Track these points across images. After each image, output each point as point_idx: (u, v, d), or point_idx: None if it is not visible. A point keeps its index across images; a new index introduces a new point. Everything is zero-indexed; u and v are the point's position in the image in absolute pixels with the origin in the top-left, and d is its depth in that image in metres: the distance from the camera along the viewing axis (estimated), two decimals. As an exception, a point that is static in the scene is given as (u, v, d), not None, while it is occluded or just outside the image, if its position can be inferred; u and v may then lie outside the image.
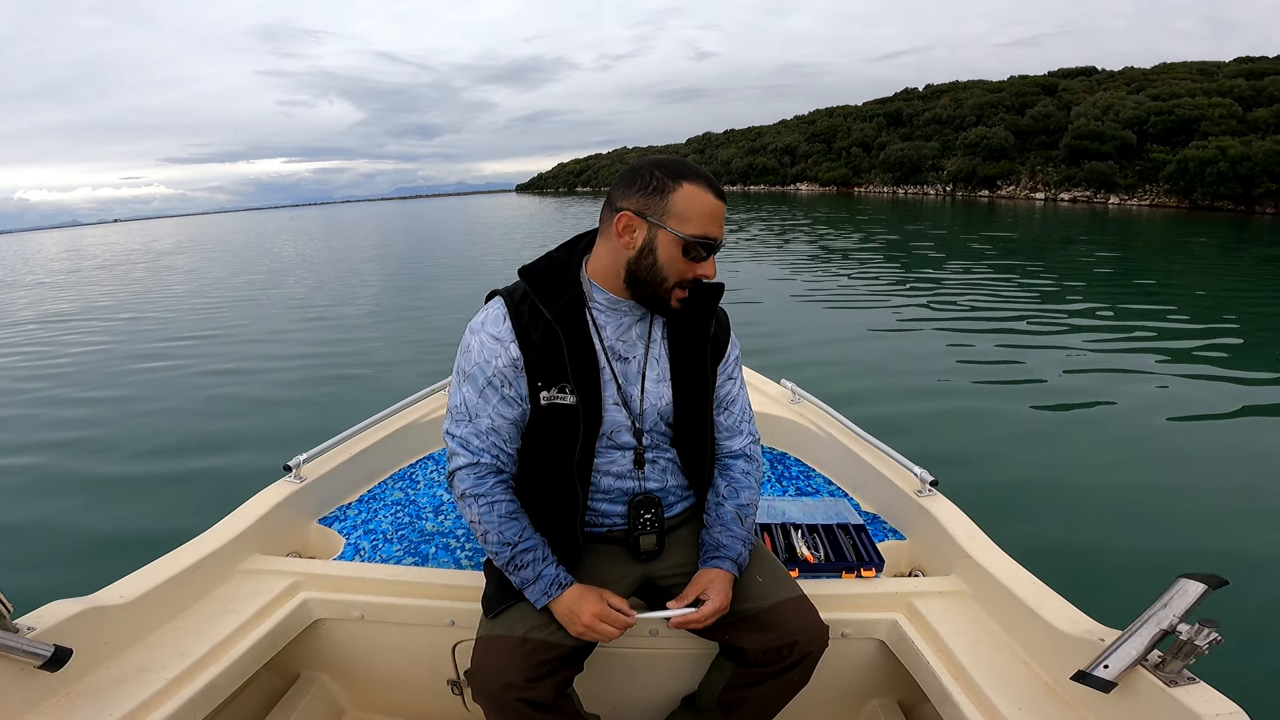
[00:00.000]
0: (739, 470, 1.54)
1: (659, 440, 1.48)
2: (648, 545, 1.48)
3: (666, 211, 1.27)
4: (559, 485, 1.40)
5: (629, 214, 1.29)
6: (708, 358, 1.48)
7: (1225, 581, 1.05)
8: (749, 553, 1.48)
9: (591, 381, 1.36)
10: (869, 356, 6.98)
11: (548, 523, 1.41)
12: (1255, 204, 30.65)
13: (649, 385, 1.43)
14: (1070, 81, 55.16)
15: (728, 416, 1.55)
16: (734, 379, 1.57)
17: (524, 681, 1.29)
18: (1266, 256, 15.32)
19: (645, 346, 1.44)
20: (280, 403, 6.37)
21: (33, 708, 1.23)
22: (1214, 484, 3.95)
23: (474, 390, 1.35)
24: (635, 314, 1.42)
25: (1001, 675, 1.37)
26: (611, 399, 1.39)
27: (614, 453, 1.44)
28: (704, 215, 1.28)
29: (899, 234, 21.24)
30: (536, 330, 1.34)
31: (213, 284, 17.22)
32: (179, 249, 35.25)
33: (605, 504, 1.47)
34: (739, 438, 1.56)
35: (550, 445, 1.39)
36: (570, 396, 1.34)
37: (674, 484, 1.52)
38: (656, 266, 1.30)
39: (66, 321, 12.34)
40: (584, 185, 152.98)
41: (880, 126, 65.80)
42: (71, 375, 7.95)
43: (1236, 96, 38.15)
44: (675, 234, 1.27)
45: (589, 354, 1.36)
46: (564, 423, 1.36)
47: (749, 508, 1.52)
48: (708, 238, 1.28)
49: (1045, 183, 44.91)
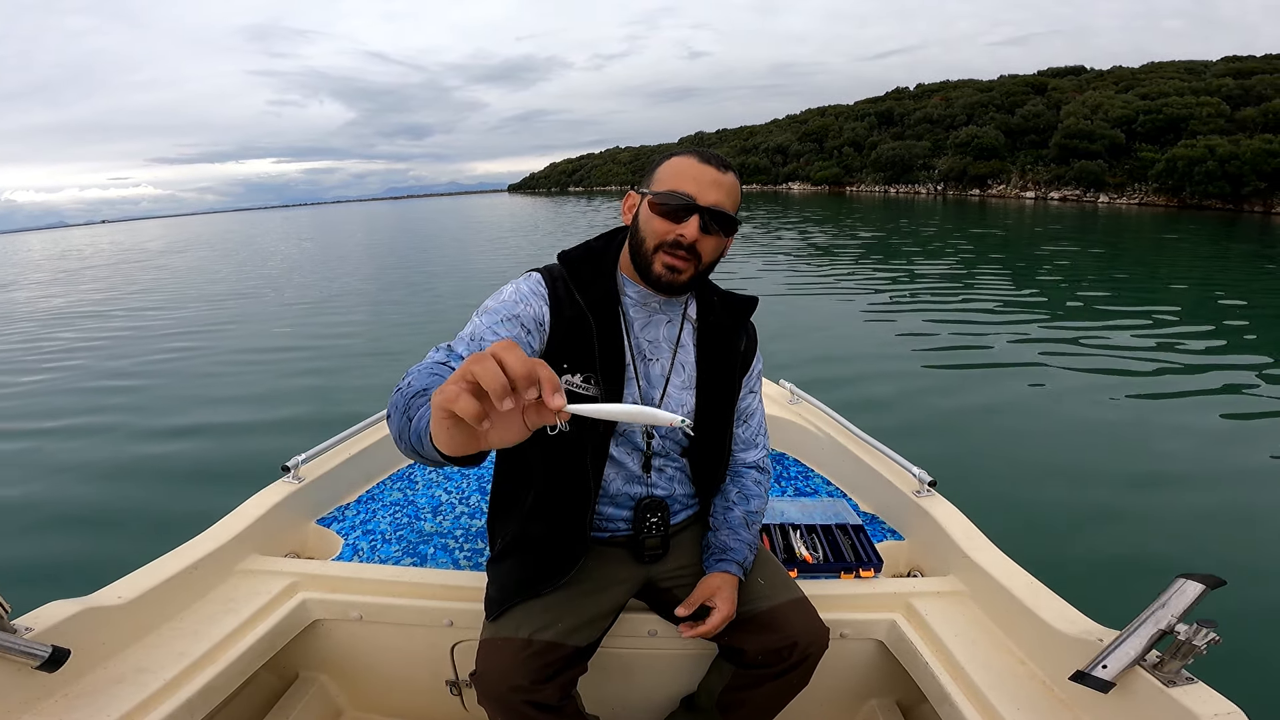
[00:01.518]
0: (751, 479, 1.55)
1: (670, 448, 1.45)
2: (652, 546, 1.46)
3: (651, 180, 1.30)
4: (571, 483, 1.37)
5: (630, 192, 1.36)
6: (736, 370, 1.47)
7: (1223, 581, 1.06)
8: (754, 557, 1.48)
9: (616, 376, 1.33)
10: (865, 352, 7.01)
11: (555, 522, 1.39)
12: (1244, 202, 30.99)
13: (672, 390, 1.40)
14: (1059, 81, 55.59)
15: (745, 429, 1.55)
16: (755, 392, 1.57)
17: (529, 683, 1.29)
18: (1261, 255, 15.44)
19: (673, 350, 1.42)
20: (280, 402, 6.34)
21: (30, 708, 1.22)
22: (1214, 483, 3.97)
23: (490, 320, 1.27)
24: (664, 314, 1.41)
25: (1000, 675, 1.38)
26: (632, 398, 1.37)
27: (623, 455, 1.42)
28: (678, 174, 1.26)
29: (888, 231, 21.31)
30: (570, 310, 1.31)
31: (208, 283, 17.17)
32: (173, 249, 34.99)
33: (610, 508, 1.45)
34: (754, 450, 1.57)
35: (567, 438, 1.35)
36: (593, 388, 1.31)
37: (681, 492, 1.50)
38: (639, 232, 1.30)
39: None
40: (576, 185, 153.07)
41: (872, 126, 66.22)
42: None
43: (1224, 96, 38.57)
44: (648, 193, 1.28)
45: (618, 348, 1.33)
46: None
47: (757, 515, 1.51)
48: (676, 192, 1.24)
49: (1035, 181, 45.25)
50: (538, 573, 1.39)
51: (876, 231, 21.46)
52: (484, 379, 0.67)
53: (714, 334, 1.44)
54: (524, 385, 0.69)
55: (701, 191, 1.24)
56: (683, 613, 1.41)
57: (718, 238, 1.30)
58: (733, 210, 1.29)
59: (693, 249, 1.26)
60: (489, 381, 0.67)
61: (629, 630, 1.59)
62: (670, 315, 1.42)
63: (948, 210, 33.46)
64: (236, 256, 26.54)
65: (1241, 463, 4.29)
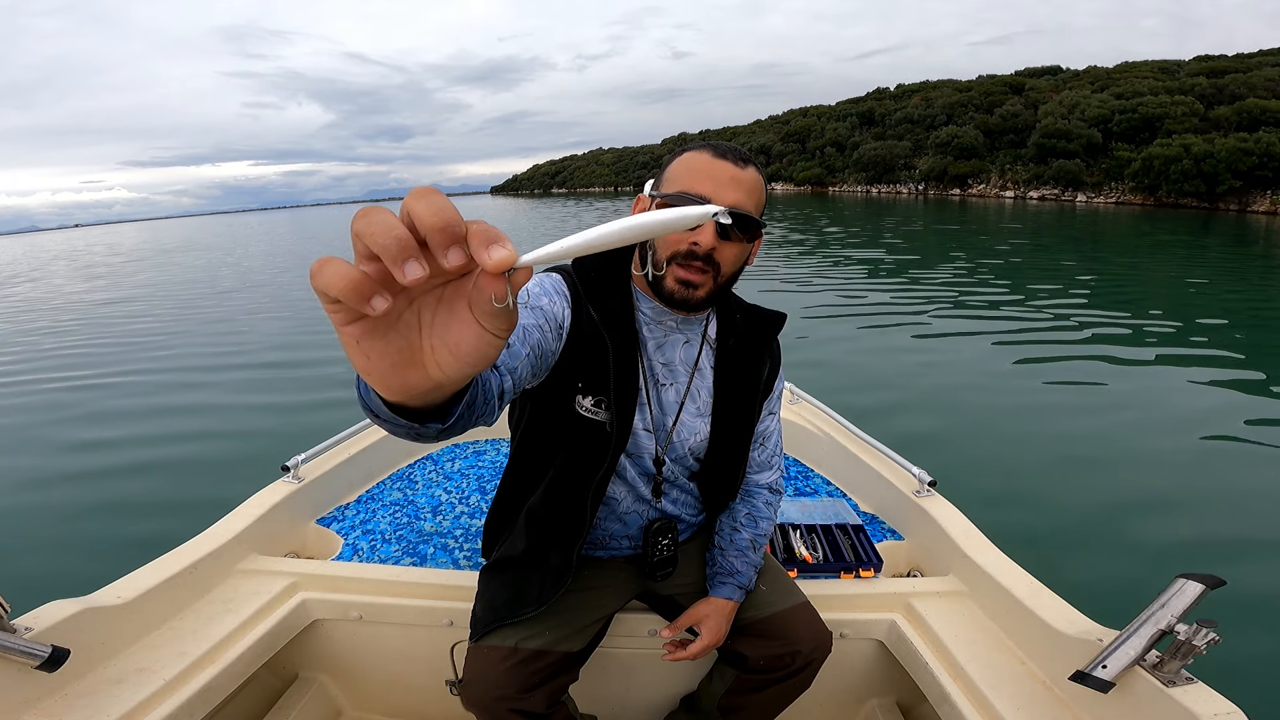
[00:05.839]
0: (762, 500, 1.47)
1: (679, 474, 1.35)
2: (663, 566, 1.39)
3: (662, 181, 1.16)
4: (569, 505, 1.27)
5: (641, 196, 1.20)
6: (757, 397, 1.35)
7: (1223, 582, 1.07)
8: (757, 575, 1.45)
9: (629, 401, 1.20)
10: (870, 362, 6.93)
11: (546, 541, 1.30)
12: (1219, 201, 31.48)
13: (685, 418, 1.29)
14: (1037, 80, 56.23)
15: (761, 452, 1.46)
16: (774, 414, 1.46)
17: (516, 692, 1.27)
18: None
19: (689, 375, 1.29)
20: (277, 402, 6.28)
21: (30, 708, 1.21)
22: (1214, 483, 3.98)
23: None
24: (681, 333, 1.28)
25: (1000, 675, 1.38)
26: (643, 425, 1.26)
27: (630, 479, 1.32)
28: (691, 172, 1.10)
29: (877, 230, 21.38)
30: (588, 326, 1.17)
31: (191, 283, 17.02)
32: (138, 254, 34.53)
33: (617, 525, 1.38)
34: (768, 472, 1.48)
35: (571, 461, 1.25)
36: (604, 413, 1.19)
37: (687, 514, 1.44)
38: (649, 241, 1.13)
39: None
40: (560, 187, 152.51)
41: (853, 126, 66.61)
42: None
43: (1198, 95, 39.10)
44: (657, 196, 1.13)
45: (632, 370, 1.20)
46: (592, 440, 1.21)
47: (764, 537, 1.46)
48: (688, 194, 1.08)
49: (1014, 181, 45.64)
50: (524, 595, 1.32)
51: (874, 231, 21.46)
52: (371, 233, 0.40)
53: (734, 359, 1.32)
54: (439, 240, 0.41)
55: (718, 191, 1.08)
56: (667, 635, 1.42)
57: (739, 244, 1.13)
58: (755, 211, 1.12)
59: (710, 258, 1.11)
60: (379, 233, 0.40)
61: (629, 630, 1.59)
62: (688, 335, 1.29)
63: (929, 209, 33.58)
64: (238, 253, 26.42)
65: (1242, 463, 4.30)
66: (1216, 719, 1.03)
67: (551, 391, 1.19)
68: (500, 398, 0.85)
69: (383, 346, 0.48)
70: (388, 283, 0.43)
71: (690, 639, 1.42)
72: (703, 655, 1.38)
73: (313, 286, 0.42)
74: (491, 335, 0.47)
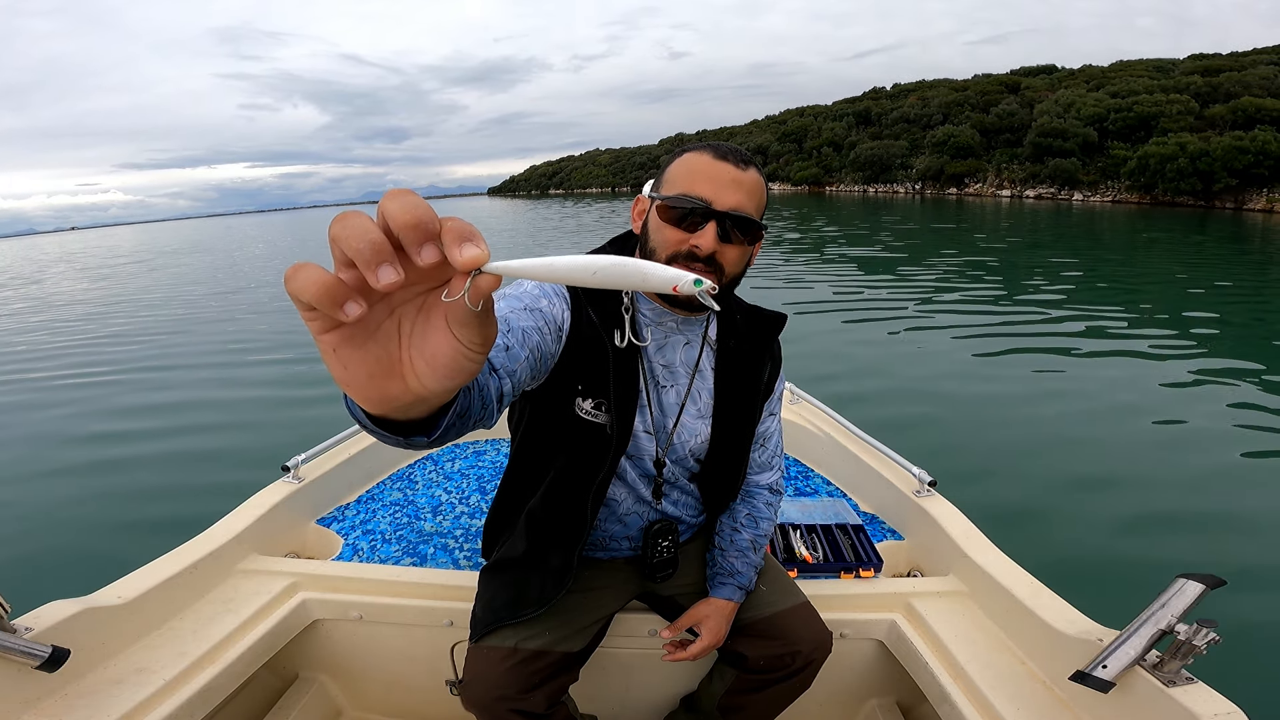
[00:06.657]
0: (763, 500, 1.47)
1: (679, 475, 1.35)
2: (663, 568, 1.40)
3: (661, 182, 1.14)
4: (569, 507, 1.27)
5: (640, 197, 1.20)
6: (758, 398, 1.35)
7: (1223, 581, 1.07)
8: (757, 576, 1.45)
9: (629, 404, 1.20)
10: (871, 358, 6.95)
11: (546, 543, 1.30)
12: (1215, 199, 31.57)
13: (686, 420, 1.29)
14: (1032, 80, 56.32)
15: (762, 453, 1.46)
16: (774, 414, 1.46)
17: (516, 693, 1.27)
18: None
19: (690, 376, 1.28)
20: (277, 402, 6.28)
21: (30, 708, 1.21)
22: (1214, 483, 3.98)
23: (512, 304, 1.07)
24: (682, 334, 1.27)
25: (1000, 675, 1.39)
26: (643, 427, 1.26)
27: (630, 480, 1.32)
28: (691, 173, 1.09)
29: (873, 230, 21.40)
30: (588, 328, 1.16)
31: (191, 285, 17.04)
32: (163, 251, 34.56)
33: (618, 527, 1.38)
34: (769, 473, 1.49)
35: (571, 463, 1.24)
36: (604, 415, 1.19)
37: (688, 516, 1.43)
38: (649, 243, 1.14)
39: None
40: (557, 187, 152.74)
41: (850, 126, 66.63)
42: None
43: (1194, 93, 39.18)
44: (657, 197, 1.11)
45: (632, 373, 1.19)
46: (592, 443, 1.21)
47: (765, 537, 1.46)
48: (688, 195, 1.07)
49: (1011, 180, 45.69)
50: (524, 596, 1.32)
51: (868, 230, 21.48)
52: (345, 238, 0.40)
53: (734, 360, 1.31)
54: (412, 238, 0.40)
55: (718, 193, 1.06)
56: (667, 635, 1.42)
57: (740, 246, 1.11)
58: (756, 212, 1.11)
59: (711, 260, 1.09)
60: (354, 237, 0.39)
61: (629, 631, 1.59)
62: (689, 336, 1.28)
63: (926, 209, 33.61)
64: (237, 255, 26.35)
65: (1243, 462, 4.29)
66: (1216, 719, 1.03)
67: (551, 394, 1.18)
68: (499, 400, 0.85)
69: (360, 356, 0.46)
70: (364, 289, 0.42)
71: (690, 639, 1.42)
72: (703, 656, 1.38)
73: (287, 292, 0.41)
74: (465, 348, 0.46)
